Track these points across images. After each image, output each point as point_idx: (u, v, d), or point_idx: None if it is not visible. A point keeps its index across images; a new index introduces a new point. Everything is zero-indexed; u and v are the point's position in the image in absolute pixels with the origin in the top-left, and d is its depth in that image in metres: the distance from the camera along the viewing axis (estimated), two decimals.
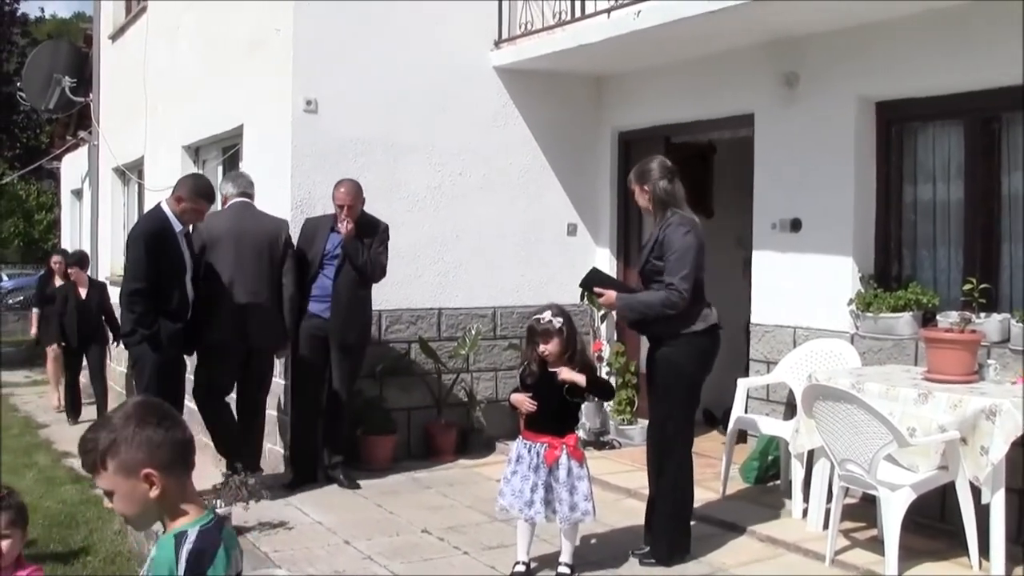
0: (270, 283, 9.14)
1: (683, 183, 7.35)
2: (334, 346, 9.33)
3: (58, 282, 15.29)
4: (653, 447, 7.37)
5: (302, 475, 9.36)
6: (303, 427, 9.46)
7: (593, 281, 7.57)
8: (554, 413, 6.85)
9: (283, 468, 9.83)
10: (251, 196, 9.48)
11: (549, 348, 6.79)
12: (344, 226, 9.08)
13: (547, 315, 6.81)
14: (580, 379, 6.82)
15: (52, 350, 15.36)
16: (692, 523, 7.52)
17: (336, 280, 9.23)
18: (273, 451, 10.01)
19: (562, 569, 6.86)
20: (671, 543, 7.23)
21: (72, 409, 14.44)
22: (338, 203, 9.18)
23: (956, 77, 7.92)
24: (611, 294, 7.34)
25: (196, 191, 8.68)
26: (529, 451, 6.81)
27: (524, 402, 6.86)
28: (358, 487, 9.29)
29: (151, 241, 8.38)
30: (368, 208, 9.71)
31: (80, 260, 14.70)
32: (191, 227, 8.80)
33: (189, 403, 9.11)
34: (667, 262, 7.02)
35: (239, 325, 8.96)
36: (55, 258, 15.98)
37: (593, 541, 7.70)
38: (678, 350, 7.11)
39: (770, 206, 9.36)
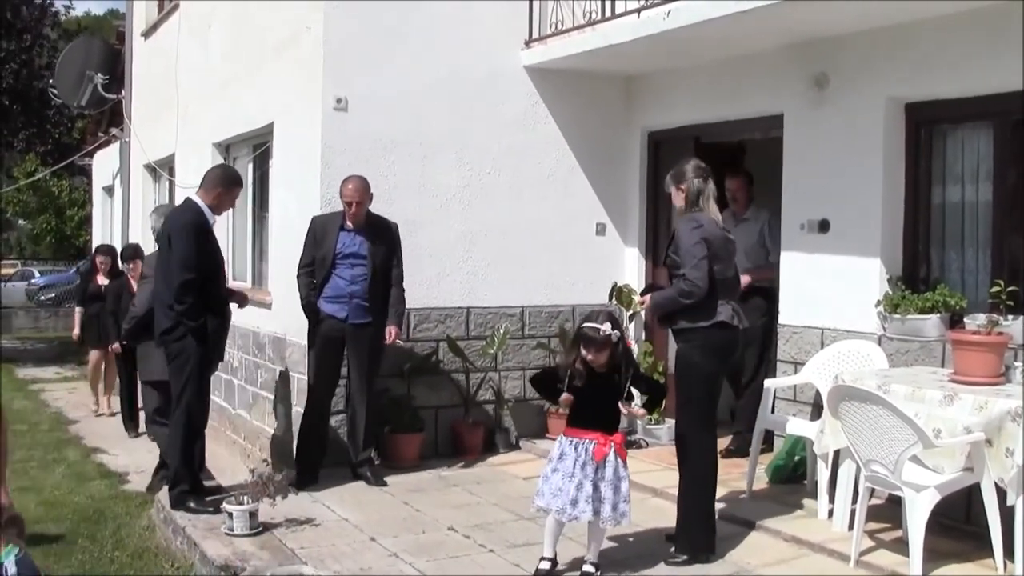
0: None
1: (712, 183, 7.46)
2: (351, 346, 9.37)
3: (101, 280, 14.31)
4: (676, 443, 7.54)
5: (303, 474, 9.34)
6: (306, 426, 9.48)
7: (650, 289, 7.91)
8: (602, 411, 6.87)
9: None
10: None
11: (600, 360, 6.78)
12: (395, 338, 9.47)
13: (607, 327, 6.74)
14: (641, 414, 7.28)
15: (96, 353, 14.64)
16: (717, 521, 7.56)
17: (353, 282, 9.28)
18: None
19: (587, 568, 6.87)
20: (692, 538, 7.29)
21: (131, 420, 13.26)
22: (345, 200, 9.22)
23: (986, 79, 7.90)
24: (647, 298, 7.62)
25: (229, 179, 8.87)
26: (576, 448, 6.76)
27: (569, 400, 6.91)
28: (385, 484, 9.33)
29: (197, 232, 8.48)
30: (397, 206, 9.79)
31: (136, 252, 13.21)
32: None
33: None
34: (680, 257, 7.21)
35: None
36: (100, 258, 14.62)
37: (628, 539, 7.71)
38: (690, 345, 7.26)
39: (799, 207, 9.34)
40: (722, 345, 7.31)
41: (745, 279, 9.61)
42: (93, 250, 14.77)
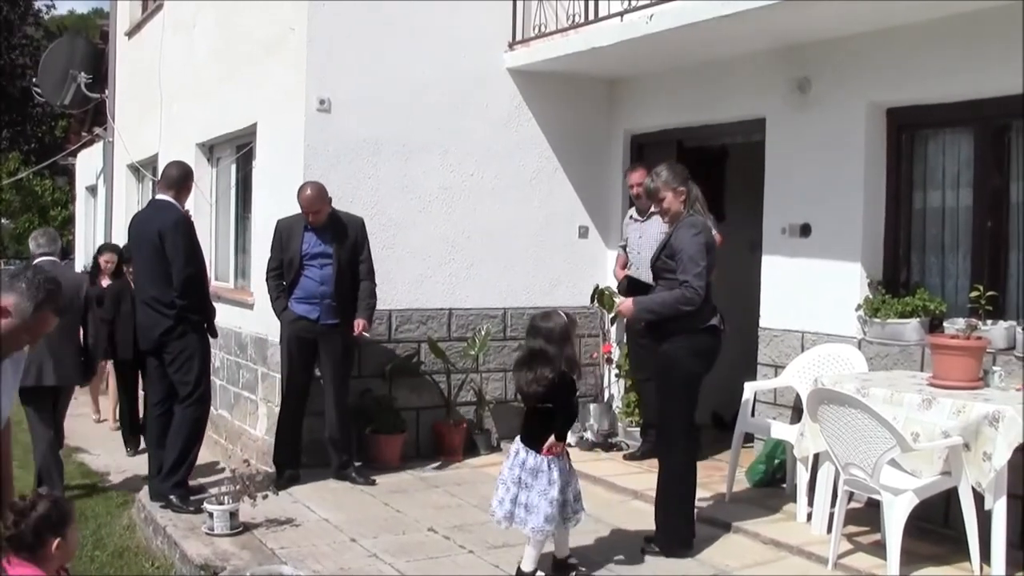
0: (72, 331, 9.61)
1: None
2: (324, 348, 9.36)
3: (106, 282, 12.65)
4: (657, 441, 7.65)
5: (282, 474, 9.39)
6: (282, 428, 9.50)
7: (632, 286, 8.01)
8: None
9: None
10: (54, 253, 10.15)
11: None
12: (362, 331, 9.38)
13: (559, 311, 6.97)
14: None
15: (101, 364, 12.64)
16: (697, 523, 7.62)
17: (324, 282, 9.27)
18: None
19: (573, 560, 7.07)
20: (670, 534, 7.40)
21: (132, 436, 12.11)
22: (303, 210, 9.24)
23: (968, 84, 7.93)
24: (627, 301, 7.64)
25: (187, 173, 9.14)
26: (560, 460, 6.80)
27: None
28: (373, 483, 9.36)
29: (188, 227, 8.69)
30: (380, 207, 9.85)
31: None
32: None
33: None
34: (679, 262, 7.22)
35: (45, 369, 9.38)
36: (105, 256, 12.96)
37: (608, 541, 7.75)
38: (675, 346, 7.29)
39: (780, 210, 9.37)
40: (707, 349, 7.36)
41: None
42: (96, 249, 14.00)
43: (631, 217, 10.15)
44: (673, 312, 7.24)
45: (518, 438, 6.89)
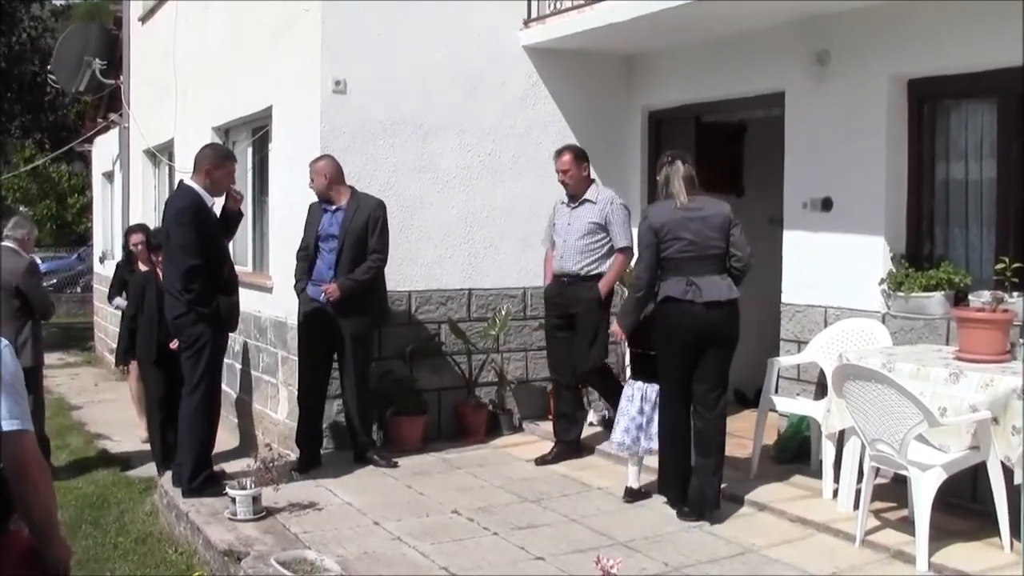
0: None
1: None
2: (336, 333, 9.25)
3: (143, 269, 11.18)
4: None
5: (305, 458, 9.32)
6: (303, 413, 9.44)
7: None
8: None
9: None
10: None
11: None
12: (327, 295, 9.13)
13: None
14: None
15: (132, 366, 11.87)
16: (723, 501, 7.74)
17: (336, 266, 9.18)
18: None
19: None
20: (671, 496, 7.88)
21: (163, 452, 10.13)
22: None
23: (990, 53, 7.82)
24: (614, 326, 8.43)
25: (218, 155, 8.86)
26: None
27: None
28: (396, 465, 9.33)
29: (195, 216, 8.41)
30: (398, 188, 9.81)
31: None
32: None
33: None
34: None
35: None
36: (136, 237, 11.69)
37: (622, 515, 7.71)
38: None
39: (801, 185, 9.29)
40: (671, 319, 7.63)
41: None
42: (124, 233, 13.20)
43: (562, 203, 9.82)
44: (637, 303, 7.86)
45: (631, 379, 8.18)
